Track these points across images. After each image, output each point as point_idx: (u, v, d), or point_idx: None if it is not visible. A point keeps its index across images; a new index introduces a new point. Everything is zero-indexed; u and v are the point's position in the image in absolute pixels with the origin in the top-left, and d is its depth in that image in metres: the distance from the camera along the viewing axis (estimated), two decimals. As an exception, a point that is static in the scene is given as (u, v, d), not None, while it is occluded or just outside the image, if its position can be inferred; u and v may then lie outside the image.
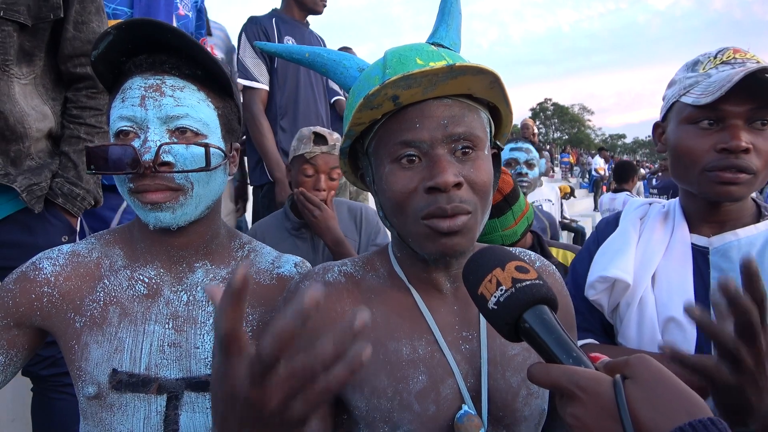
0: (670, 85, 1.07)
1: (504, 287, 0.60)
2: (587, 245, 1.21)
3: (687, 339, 0.97)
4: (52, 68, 1.46)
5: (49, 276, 0.89)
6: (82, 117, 1.49)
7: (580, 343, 1.09)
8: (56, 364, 1.50)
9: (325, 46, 3.01)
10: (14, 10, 1.30)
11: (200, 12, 2.30)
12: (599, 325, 1.13)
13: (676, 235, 1.06)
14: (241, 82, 2.49)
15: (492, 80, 0.72)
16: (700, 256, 1.03)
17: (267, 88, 2.57)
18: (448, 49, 0.78)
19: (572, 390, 0.53)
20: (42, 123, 1.41)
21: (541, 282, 0.60)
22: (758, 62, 0.94)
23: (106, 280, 0.91)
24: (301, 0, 2.71)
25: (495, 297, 0.60)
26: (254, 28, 2.60)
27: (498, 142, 0.82)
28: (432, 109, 0.71)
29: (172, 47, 0.86)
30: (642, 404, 0.50)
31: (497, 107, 0.79)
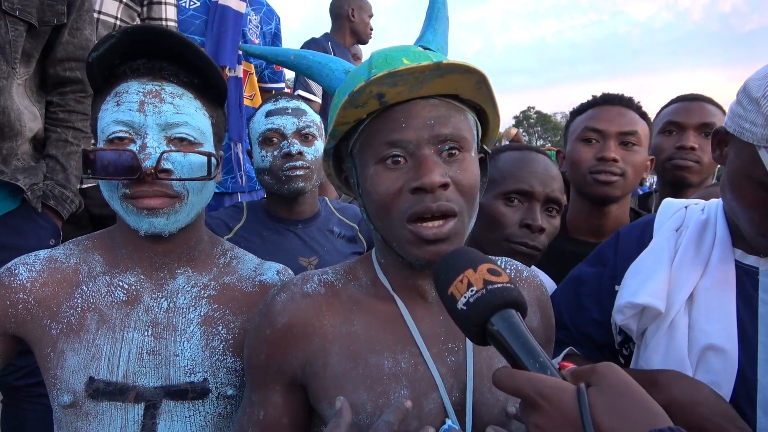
0: None
1: (475, 288, 0.58)
2: (603, 251, 1.11)
3: (728, 367, 0.88)
4: (38, 72, 1.48)
5: (24, 282, 0.87)
6: (70, 121, 1.49)
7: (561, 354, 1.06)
8: (31, 374, 1.46)
9: None
10: (27, 11, 1.32)
11: (276, 37, 2.57)
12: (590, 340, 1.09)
13: (717, 250, 0.95)
14: (301, 93, 2.83)
15: (479, 80, 0.71)
16: (747, 277, 0.92)
17: (320, 101, 2.88)
18: (436, 52, 0.77)
19: (535, 398, 0.53)
20: (33, 123, 1.42)
21: (512, 286, 0.59)
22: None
23: (84, 286, 0.89)
24: (355, 30, 3.21)
25: (465, 297, 0.59)
26: (315, 47, 2.94)
27: (485, 147, 0.82)
28: (418, 108, 0.70)
29: (171, 54, 0.85)
30: (604, 412, 0.49)
31: (484, 110, 0.78)
